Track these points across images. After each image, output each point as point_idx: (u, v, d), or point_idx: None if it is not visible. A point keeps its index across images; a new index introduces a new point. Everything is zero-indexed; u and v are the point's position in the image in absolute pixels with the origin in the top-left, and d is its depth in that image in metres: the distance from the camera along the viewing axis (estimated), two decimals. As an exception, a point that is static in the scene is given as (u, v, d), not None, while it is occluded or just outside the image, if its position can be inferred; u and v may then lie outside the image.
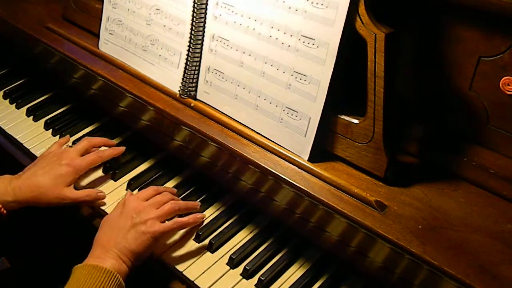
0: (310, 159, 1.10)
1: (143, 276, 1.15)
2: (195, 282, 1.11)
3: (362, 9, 0.98)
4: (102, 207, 1.27)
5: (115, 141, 1.40)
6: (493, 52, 0.98)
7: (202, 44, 1.24)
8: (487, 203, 1.01)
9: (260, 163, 1.12)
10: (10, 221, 1.22)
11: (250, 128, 1.18)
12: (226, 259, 1.15)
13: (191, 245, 1.18)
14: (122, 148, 1.36)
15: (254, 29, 1.13)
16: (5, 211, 1.19)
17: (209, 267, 1.14)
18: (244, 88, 1.18)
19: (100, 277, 1.00)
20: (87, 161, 1.28)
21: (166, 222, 1.13)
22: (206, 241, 1.18)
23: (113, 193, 1.31)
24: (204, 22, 1.22)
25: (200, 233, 1.19)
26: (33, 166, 1.27)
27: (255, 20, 1.13)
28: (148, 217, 1.11)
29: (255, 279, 1.11)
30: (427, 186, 1.05)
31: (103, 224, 1.13)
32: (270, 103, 1.14)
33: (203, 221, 1.23)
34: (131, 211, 1.12)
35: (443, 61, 1.04)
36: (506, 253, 0.91)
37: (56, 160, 1.26)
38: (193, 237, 1.19)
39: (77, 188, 1.28)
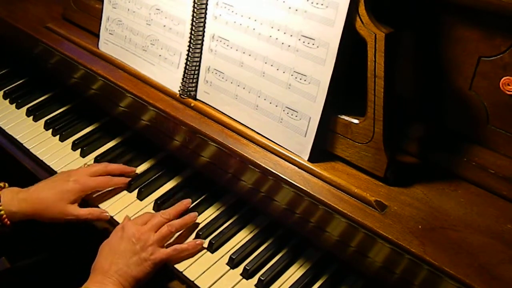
0: (310, 159, 1.10)
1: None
2: (195, 282, 1.11)
3: (362, 9, 0.98)
4: (103, 207, 1.27)
5: (135, 169, 1.36)
6: (493, 52, 0.98)
7: (202, 44, 1.24)
8: (487, 203, 1.01)
9: (260, 163, 1.12)
10: (13, 232, 1.22)
11: (250, 128, 1.18)
12: (226, 259, 1.15)
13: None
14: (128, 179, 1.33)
15: (254, 29, 1.13)
16: (8, 222, 1.19)
17: (209, 267, 1.14)
18: (244, 88, 1.18)
19: None
20: (96, 182, 1.26)
21: (167, 249, 1.13)
22: (206, 241, 1.18)
23: (113, 193, 1.31)
24: (204, 22, 1.22)
25: (200, 233, 1.19)
26: (45, 180, 1.27)
27: (255, 20, 1.13)
28: (149, 243, 1.10)
29: (255, 279, 1.11)
30: (427, 186, 1.05)
31: (102, 249, 1.12)
32: (270, 103, 1.14)
33: (203, 222, 1.23)
34: (131, 236, 1.11)
35: (443, 61, 1.04)
36: (506, 253, 0.91)
37: (65, 176, 1.26)
38: (193, 237, 1.19)
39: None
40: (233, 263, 1.14)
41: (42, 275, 1.39)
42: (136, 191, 1.31)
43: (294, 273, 1.13)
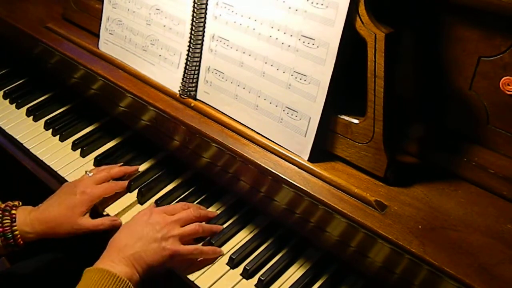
0: (310, 159, 1.10)
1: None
2: (195, 282, 1.11)
3: (362, 9, 0.98)
4: (105, 209, 1.28)
5: (137, 167, 1.37)
6: (493, 52, 0.98)
7: (202, 44, 1.24)
8: (487, 203, 1.01)
9: (260, 163, 1.12)
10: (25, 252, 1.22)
11: (250, 128, 1.18)
12: (226, 259, 1.15)
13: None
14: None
15: (254, 29, 1.13)
16: (21, 242, 1.19)
17: (209, 267, 1.14)
18: (244, 88, 1.18)
19: (111, 283, 1.00)
20: (102, 190, 1.26)
21: (188, 245, 1.12)
22: (206, 241, 1.18)
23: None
24: (204, 22, 1.22)
25: (200, 233, 1.19)
26: (52, 196, 1.26)
27: (255, 20, 1.13)
28: (171, 234, 1.10)
29: (255, 279, 1.11)
30: (427, 186, 1.04)
31: (124, 227, 1.12)
32: (270, 103, 1.14)
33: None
34: (155, 224, 1.11)
35: (443, 61, 1.04)
36: (506, 253, 0.91)
37: (72, 189, 1.25)
38: (193, 237, 1.19)
39: None
40: (233, 263, 1.14)
41: (42, 275, 1.39)
42: (136, 191, 1.31)
43: (294, 273, 1.13)
